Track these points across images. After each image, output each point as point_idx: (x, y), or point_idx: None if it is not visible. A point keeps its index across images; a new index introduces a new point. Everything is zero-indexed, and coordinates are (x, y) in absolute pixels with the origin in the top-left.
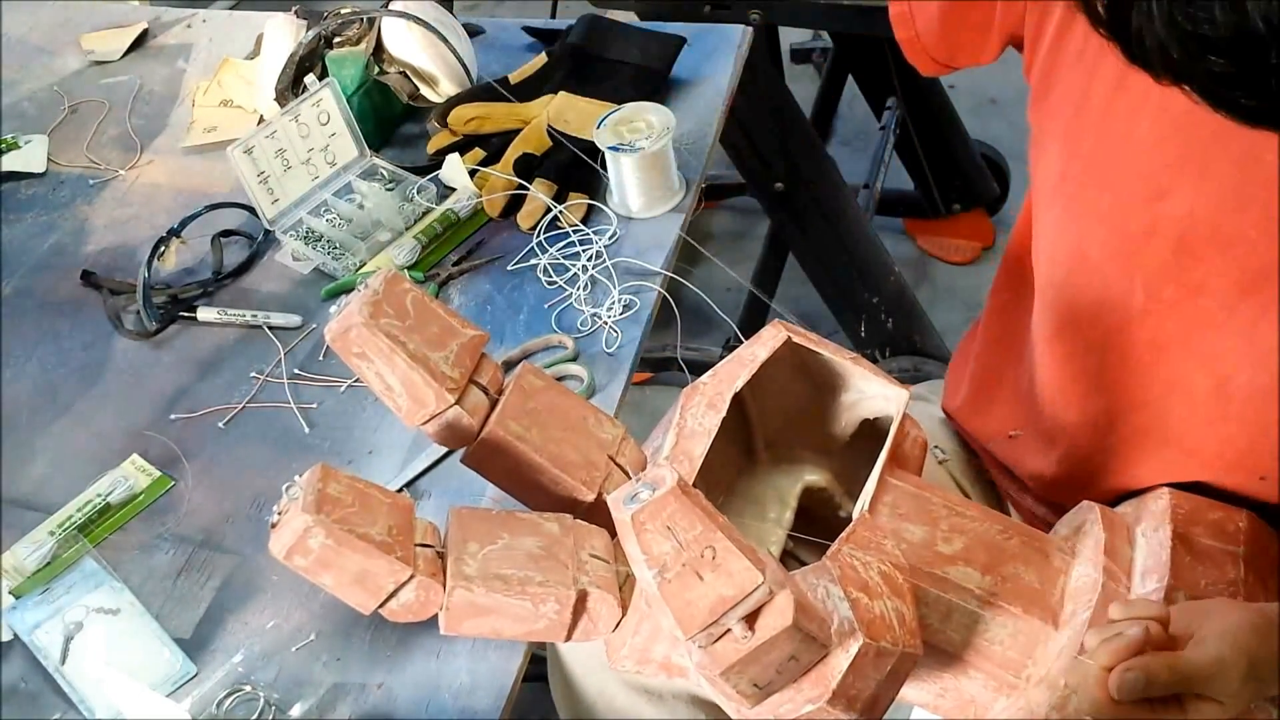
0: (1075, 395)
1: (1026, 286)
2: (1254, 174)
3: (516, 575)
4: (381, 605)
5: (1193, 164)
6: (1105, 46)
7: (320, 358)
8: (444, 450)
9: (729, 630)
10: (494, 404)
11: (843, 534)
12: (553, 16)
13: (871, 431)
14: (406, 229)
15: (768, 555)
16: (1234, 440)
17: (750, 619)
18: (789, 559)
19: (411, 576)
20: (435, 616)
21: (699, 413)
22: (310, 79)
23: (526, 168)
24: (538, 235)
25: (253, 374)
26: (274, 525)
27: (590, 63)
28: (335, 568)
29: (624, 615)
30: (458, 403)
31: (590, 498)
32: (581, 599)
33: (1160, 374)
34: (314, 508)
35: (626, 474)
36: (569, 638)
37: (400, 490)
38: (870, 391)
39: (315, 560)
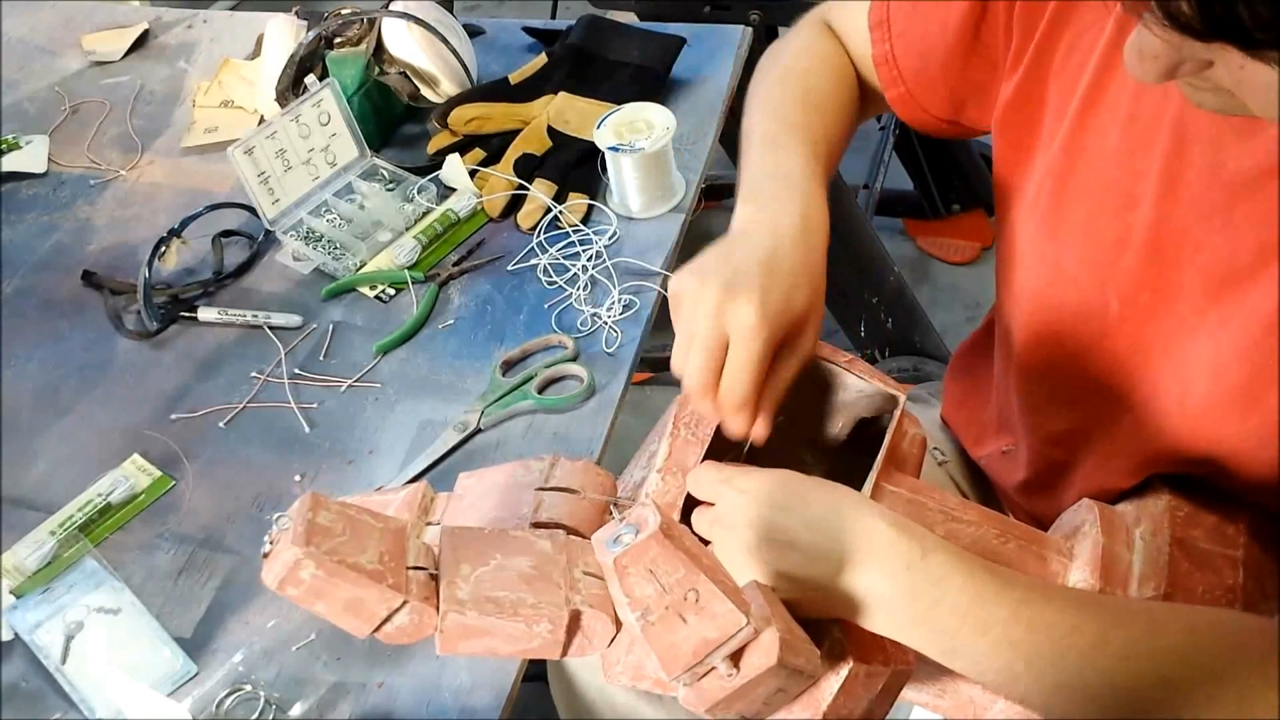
0: (1055, 407)
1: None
2: (1214, 182)
3: (509, 597)
4: (376, 630)
5: (1160, 173)
6: (1082, 63)
7: (320, 358)
8: (445, 449)
9: (714, 668)
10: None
11: None
12: (553, 17)
13: (870, 430)
14: (407, 229)
15: (753, 591)
16: (1191, 452)
17: (735, 656)
18: None
19: (404, 603)
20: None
21: (692, 422)
22: (311, 79)
23: (527, 168)
24: (538, 235)
25: (253, 374)
26: (266, 555)
27: (590, 63)
28: (328, 597)
29: (618, 631)
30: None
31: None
32: (575, 618)
33: (1142, 381)
34: (304, 540)
35: (580, 533)
36: (564, 654)
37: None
38: (868, 390)
39: (307, 590)
